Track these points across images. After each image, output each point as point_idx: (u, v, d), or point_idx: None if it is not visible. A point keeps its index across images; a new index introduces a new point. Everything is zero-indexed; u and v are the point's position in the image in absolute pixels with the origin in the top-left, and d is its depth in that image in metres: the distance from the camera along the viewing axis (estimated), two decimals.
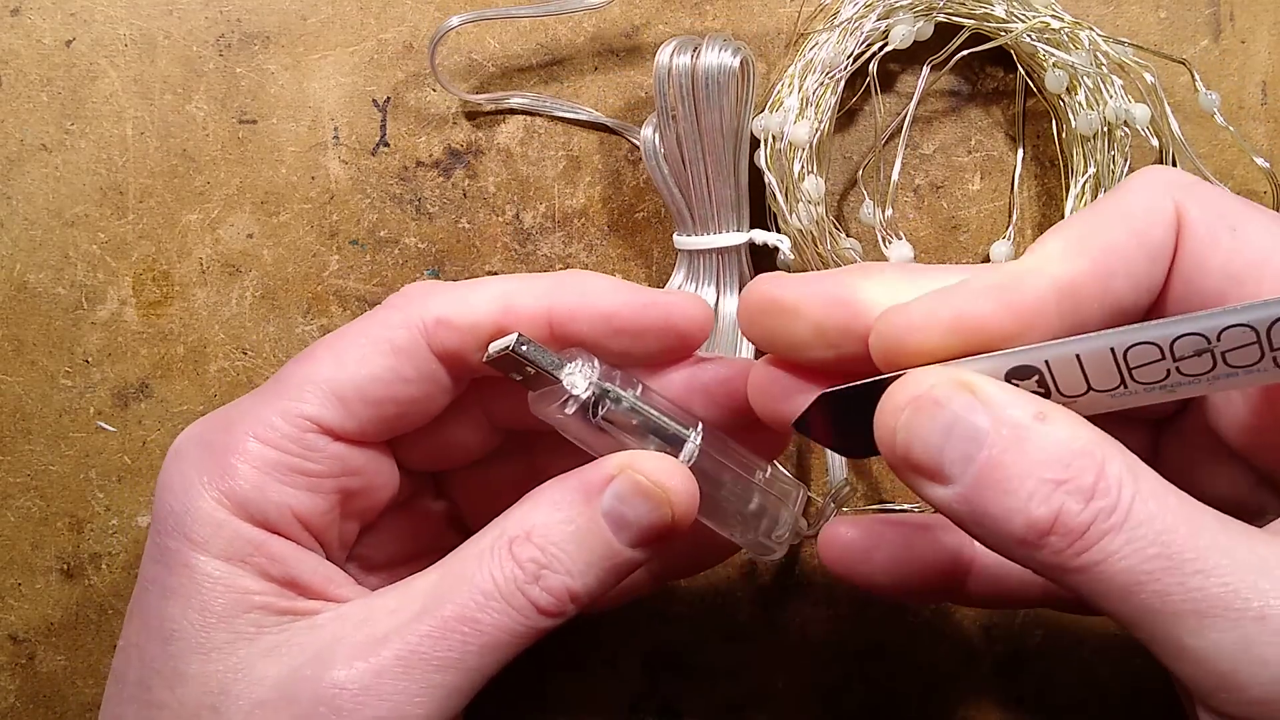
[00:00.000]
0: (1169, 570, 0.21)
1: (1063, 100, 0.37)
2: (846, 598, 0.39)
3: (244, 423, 0.27)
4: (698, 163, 0.35)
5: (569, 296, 0.28)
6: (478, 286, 0.28)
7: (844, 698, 0.39)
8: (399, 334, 0.27)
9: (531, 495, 0.27)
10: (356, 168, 0.39)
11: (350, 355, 0.27)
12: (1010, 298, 0.24)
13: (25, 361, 0.39)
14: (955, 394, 0.24)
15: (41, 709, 0.39)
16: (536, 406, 0.28)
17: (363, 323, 0.28)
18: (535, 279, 0.28)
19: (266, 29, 0.39)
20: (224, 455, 0.26)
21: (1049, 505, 0.22)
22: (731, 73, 0.34)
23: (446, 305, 0.28)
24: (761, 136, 0.36)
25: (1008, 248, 0.38)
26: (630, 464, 0.27)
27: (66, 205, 0.39)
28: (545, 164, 0.39)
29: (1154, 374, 0.24)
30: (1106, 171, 0.36)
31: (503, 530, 0.26)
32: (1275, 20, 0.38)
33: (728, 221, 0.36)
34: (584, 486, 0.27)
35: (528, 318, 0.28)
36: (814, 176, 0.36)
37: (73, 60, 0.39)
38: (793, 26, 0.39)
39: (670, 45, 0.35)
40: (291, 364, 0.28)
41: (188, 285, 0.39)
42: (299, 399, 0.27)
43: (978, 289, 0.24)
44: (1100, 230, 0.25)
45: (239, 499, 0.26)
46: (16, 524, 0.39)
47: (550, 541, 0.26)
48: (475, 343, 0.27)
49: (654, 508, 0.26)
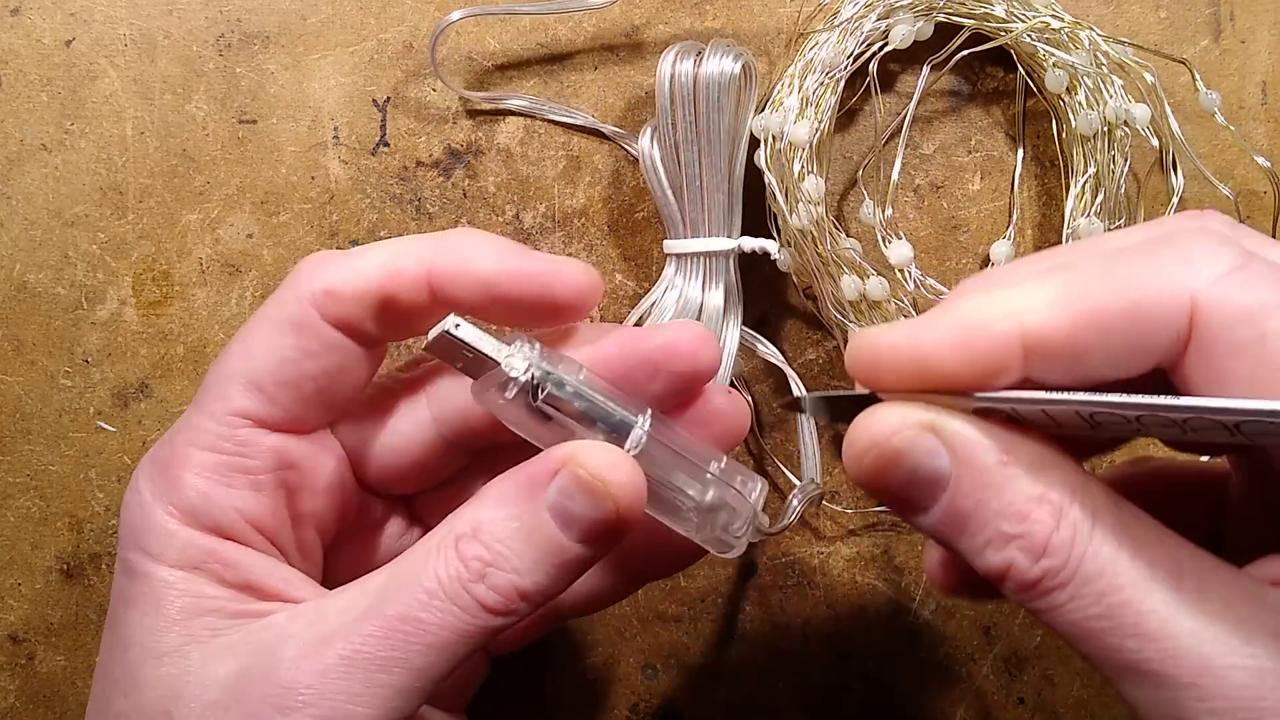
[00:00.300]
0: (1110, 630, 0.22)
1: (1063, 100, 0.37)
2: (846, 598, 0.39)
3: (183, 433, 0.27)
4: (693, 166, 0.35)
5: (449, 259, 0.28)
6: (364, 253, 0.28)
7: (844, 698, 0.39)
8: (293, 310, 0.28)
9: (480, 492, 0.27)
10: (356, 168, 0.39)
11: (256, 342, 0.28)
12: (975, 346, 0.23)
13: (25, 361, 0.39)
14: (917, 439, 0.23)
15: (41, 709, 0.39)
16: (478, 394, 0.27)
17: (263, 308, 0.28)
18: (420, 240, 0.28)
19: (266, 29, 0.39)
20: (169, 468, 0.27)
21: (1002, 556, 0.23)
22: (733, 79, 0.34)
23: (332, 275, 0.28)
24: (761, 136, 0.36)
25: (1008, 248, 0.38)
26: (573, 456, 0.26)
27: (66, 205, 0.39)
28: (545, 164, 0.39)
29: (1120, 429, 0.23)
30: (1106, 171, 0.36)
31: (450, 528, 0.26)
32: (1275, 20, 0.38)
33: (719, 226, 0.36)
34: (528, 481, 0.26)
35: (410, 281, 0.28)
36: (814, 176, 0.36)
37: (73, 60, 0.39)
38: (793, 26, 0.39)
39: (672, 52, 0.35)
40: (210, 367, 0.28)
41: (188, 285, 0.39)
42: (222, 396, 0.27)
43: (944, 331, 0.23)
44: (1102, 297, 0.23)
45: (187, 508, 0.27)
46: (16, 524, 0.39)
47: (496, 539, 0.26)
48: (365, 310, 0.28)
49: (597, 503, 0.26)
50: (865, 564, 0.39)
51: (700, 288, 0.37)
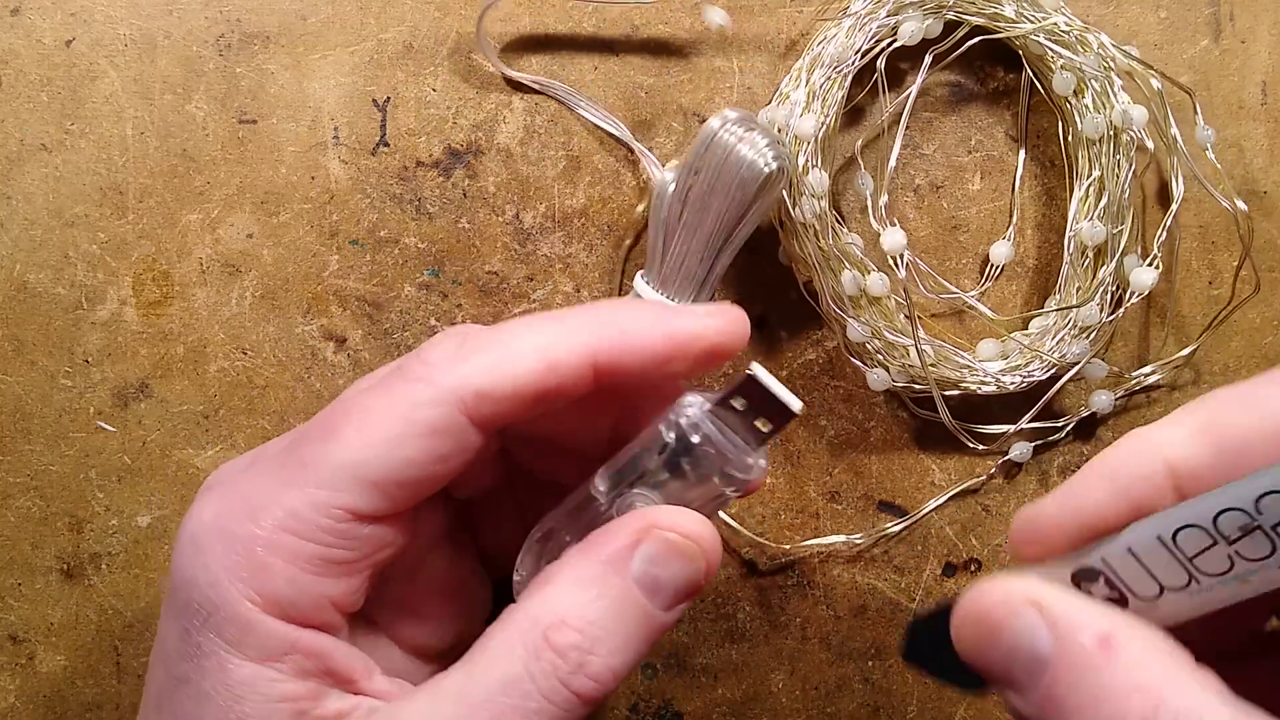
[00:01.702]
0: None
1: (1070, 103, 0.37)
2: (846, 598, 0.39)
3: (270, 512, 0.25)
4: (690, 228, 0.35)
5: (611, 344, 0.26)
6: (512, 345, 0.25)
7: (844, 698, 0.39)
8: (435, 413, 0.25)
9: (550, 576, 0.25)
10: (356, 168, 0.39)
11: (381, 436, 0.25)
12: (1124, 486, 0.23)
13: (25, 361, 0.39)
14: (1017, 613, 0.23)
15: (41, 709, 0.39)
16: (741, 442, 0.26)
17: (391, 396, 0.25)
18: (570, 325, 0.26)
19: (266, 29, 0.39)
20: (252, 550, 0.24)
21: None
22: (758, 176, 0.34)
23: (485, 377, 0.25)
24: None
25: (1007, 248, 0.38)
26: (656, 523, 0.25)
27: (66, 205, 0.39)
28: (545, 164, 0.39)
29: (1216, 563, 0.23)
30: (1110, 175, 0.36)
31: (532, 619, 0.24)
32: (1275, 20, 0.38)
33: (685, 294, 0.36)
34: (610, 557, 0.25)
35: (572, 376, 0.26)
36: (818, 170, 0.36)
37: (73, 60, 0.39)
38: (792, 26, 0.39)
39: (724, 118, 0.34)
40: (315, 439, 0.25)
41: (188, 285, 0.39)
42: (331, 487, 0.25)
43: (1092, 483, 0.24)
44: (1236, 414, 0.23)
45: (272, 596, 0.24)
46: (16, 524, 0.39)
47: (588, 621, 0.24)
48: (518, 409, 0.25)
49: (691, 565, 0.25)
50: (865, 564, 0.39)
51: None
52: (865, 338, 0.36)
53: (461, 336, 0.26)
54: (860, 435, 0.39)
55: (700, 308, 0.27)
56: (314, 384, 0.39)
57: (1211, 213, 0.39)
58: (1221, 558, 0.22)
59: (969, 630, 0.24)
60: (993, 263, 0.38)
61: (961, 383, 0.36)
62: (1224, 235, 0.39)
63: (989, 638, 0.23)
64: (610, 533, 0.25)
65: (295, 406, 0.39)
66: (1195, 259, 0.39)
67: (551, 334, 0.26)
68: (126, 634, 0.39)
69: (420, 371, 0.25)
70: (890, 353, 0.37)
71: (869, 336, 0.36)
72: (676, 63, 0.39)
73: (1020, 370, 0.37)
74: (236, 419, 0.39)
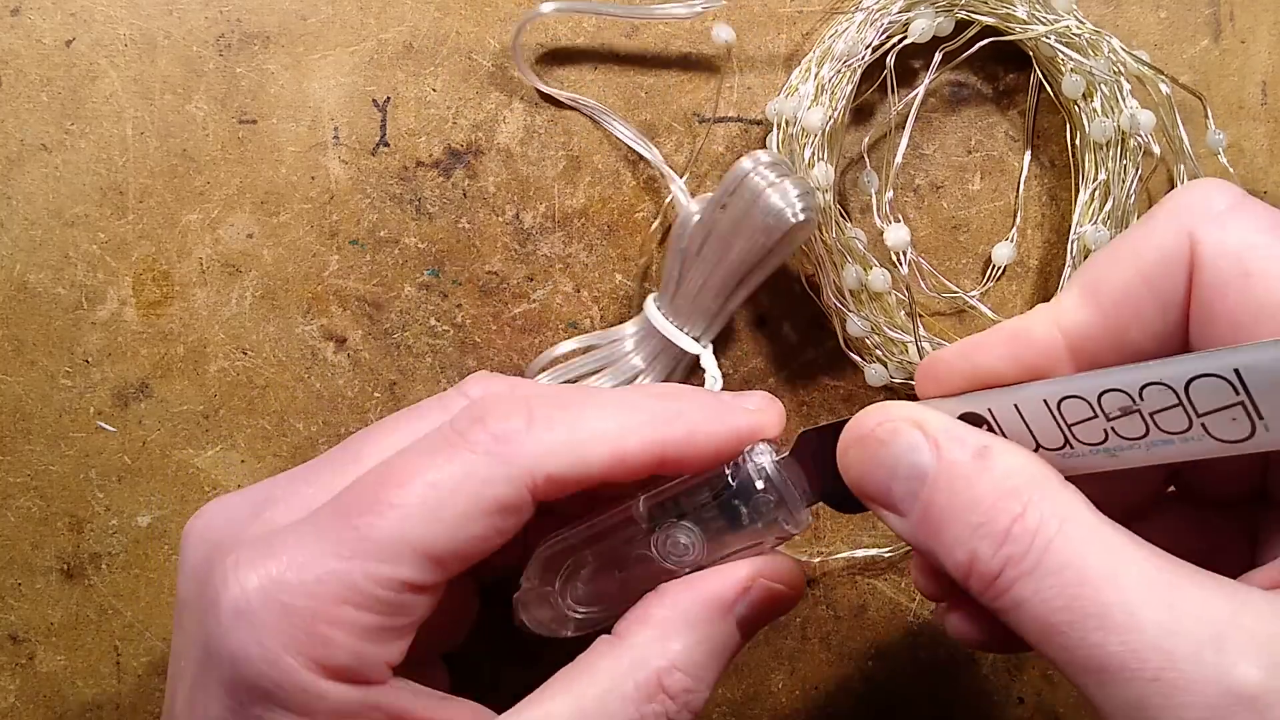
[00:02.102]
0: (1073, 624, 0.21)
1: (1078, 106, 0.37)
2: (846, 598, 0.39)
3: (330, 585, 0.24)
4: (709, 263, 0.35)
5: (678, 441, 0.27)
6: (581, 427, 0.26)
7: (844, 698, 0.39)
8: (505, 491, 0.25)
9: (655, 616, 0.27)
10: (356, 168, 0.39)
11: (449, 512, 0.25)
12: (1021, 351, 0.25)
13: (25, 361, 0.39)
14: (900, 431, 0.24)
15: (41, 709, 0.39)
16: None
17: (458, 468, 0.25)
18: (640, 416, 0.27)
19: (266, 29, 0.39)
20: (313, 624, 0.24)
21: (966, 548, 0.23)
22: (786, 226, 0.33)
23: (557, 462, 0.25)
24: (775, 120, 0.36)
25: (1010, 249, 0.38)
26: (761, 573, 0.27)
27: (66, 205, 0.39)
28: (545, 164, 0.39)
29: (1092, 434, 0.24)
30: (1116, 180, 0.36)
31: (643, 663, 0.26)
32: (1275, 20, 0.38)
33: (695, 326, 0.36)
34: (718, 603, 0.27)
35: (637, 468, 0.27)
36: (824, 164, 0.36)
37: (73, 60, 0.39)
38: (793, 26, 0.39)
39: (755, 159, 0.33)
40: (373, 507, 0.25)
41: (188, 285, 0.39)
42: (394, 561, 0.24)
43: (993, 342, 0.25)
44: (1112, 276, 0.24)
45: (335, 667, 0.24)
46: (16, 524, 0.39)
47: (694, 664, 0.26)
48: (580, 489, 0.26)
49: (788, 608, 0.28)
50: (865, 564, 0.39)
51: (641, 363, 0.36)
52: (865, 333, 0.36)
53: (527, 408, 0.26)
54: None
55: (750, 400, 0.29)
56: (314, 384, 0.39)
57: None
58: (1098, 430, 0.24)
59: (854, 449, 0.25)
60: (994, 265, 0.38)
61: None
62: None
63: (873, 456, 0.25)
64: (718, 577, 0.27)
65: (295, 406, 0.39)
66: None
67: (621, 422, 0.26)
68: (126, 634, 0.39)
69: (489, 444, 0.25)
70: (889, 349, 0.37)
71: (869, 332, 0.36)
72: (677, 63, 0.39)
73: None
74: (236, 419, 0.39)
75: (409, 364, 0.39)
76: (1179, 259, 0.23)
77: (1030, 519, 0.22)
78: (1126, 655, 0.20)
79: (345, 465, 0.28)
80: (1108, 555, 0.22)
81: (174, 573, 0.39)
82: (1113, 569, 0.21)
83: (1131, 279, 0.24)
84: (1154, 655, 0.20)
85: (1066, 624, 0.21)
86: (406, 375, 0.39)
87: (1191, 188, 0.24)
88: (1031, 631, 0.22)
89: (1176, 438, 0.23)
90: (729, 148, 0.39)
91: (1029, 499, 0.23)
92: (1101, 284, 0.24)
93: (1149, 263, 0.23)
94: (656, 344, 0.36)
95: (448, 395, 0.30)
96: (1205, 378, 0.22)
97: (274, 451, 0.39)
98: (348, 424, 0.39)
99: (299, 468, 0.29)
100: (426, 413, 0.29)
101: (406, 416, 0.29)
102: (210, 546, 0.27)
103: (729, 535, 0.28)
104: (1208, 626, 0.20)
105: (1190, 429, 0.22)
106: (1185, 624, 0.20)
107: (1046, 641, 0.22)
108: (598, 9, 0.38)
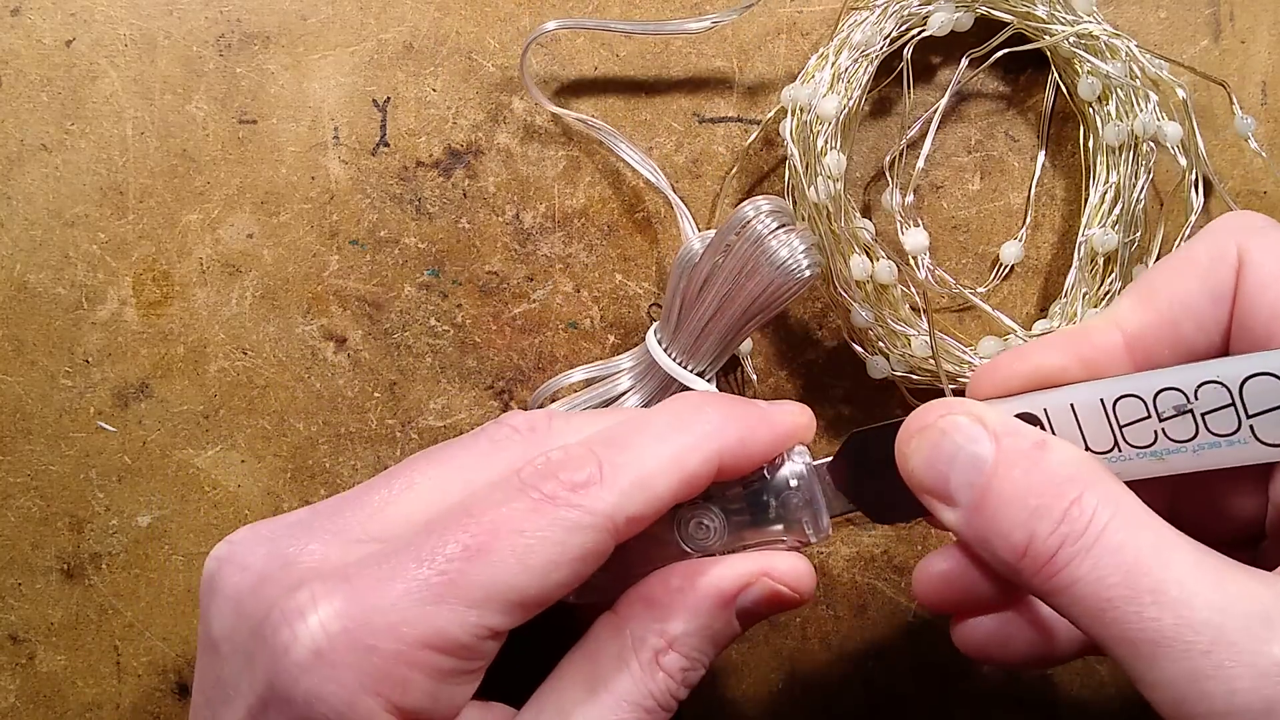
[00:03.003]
0: (1129, 599, 0.23)
1: (1092, 108, 0.37)
2: (846, 598, 0.39)
3: (416, 629, 0.24)
4: (710, 307, 0.34)
5: (733, 450, 0.28)
6: (648, 461, 0.27)
7: (844, 698, 0.39)
8: (591, 539, 0.26)
9: (657, 595, 0.28)
10: (356, 168, 0.39)
11: (538, 561, 0.25)
12: (1080, 349, 0.27)
13: (25, 361, 0.39)
14: (961, 425, 0.26)
15: (41, 709, 0.39)
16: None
17: (544, 519, 0.26)
18: (697, 435, 0.28)
19: (266, 29, 0.39)
20: (395, 666, 0.24)
21: (1024, 530, 0.24)
22: (790, 282, 0.33)
23: (635, 503, 0.26)
24: (789, 107, 0.36)
25: (1018, 248, 0.38)
26: (768, 571, 0.28)
27: (66, 205, 0.39)
28: (545, 164, 0.39)
29: (1142, 436, 0.26)
30: (1127, 184, 0.36)
31: (641, 639, 0.27)
32: (1275, 20, 0.38)
33: (699, 362, 0.35)
34: (720, 595, 0.28)
35: (701, 482, 0.28)
36: (836, 152, 0.35)
37: (73, 60, 0.39)
38: (793, 26, 0.39)
39: (757, 207, 0.33)
40: (464, 555, 0.25)
41: (188, 285, 0.39)
42: (482, 608, 0.25)
43: (1052, 341, 0.27)
44: (1167, 280, 0.27)
45: (411, 709, 0.25)
46: (17, 524, 0.39)
47: (692, 648, 0.28)
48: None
49: (791, 606, 0.29)
50: (865, 564, 0.39)
51: (645, 402, 0.36)
52: (869, 324, 0.36)
53: (595, 458, 0.27)
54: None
55: (789, 406, 0.30)
56: (314, 384, 0.39)
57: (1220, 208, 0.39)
58: (1148, 432, 0.26)
59: (915, 439, 0.27)
60: (1002, 263, 0.38)
61: (960, 376, 0.36)
62: None
63: (933, 445, 0.26)
64: (725, 570, 0.28)
65: (295, 406, 0.39)
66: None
67: (679, 444, 0.27)
68: (126, 634, 0.39)
69: (569, 497, 0.26)
70: (892, 341, 0.37)
71: (872, 323, 0.36)
72: (676, 63, 0.39)
73: None
74: (237, 419, 0.39)
75: (409, 364, 0.39)
76: (1229, 261, 0.26)
77: (1087, 503, 0.24)
78: (1182, 628, 0.22)
79: (399, 494, 0.28)
80: (1159, 540, 0.23)
81: (174, 573, 0.39)
82: (1165, 552, 0.23)
83: (1187, 279, 0.26)
84: (1207, 630, 0.22)
85: (1122, 599, 0.23)
86: (406, 375, 0.39)
87: (1234, 214, 0.27)
88: (1085, 610, 0.23)
89: (1224, 440, 0.24)
90: (729, 148, 0.39)
91: (1085, 485, 0.24)
92: (1158, 287, 0.26)
93: (1202, 264, 0.26)
94: (659, 379, 0.36)
95: (491, 430, 0.30)
96: (1259, 376, 0.24)
97: (274, 451, 0.39)
98: (347, 424, 0.39)
99: (341, 497, 0.29)
100: (473, 445, 0.29)
101: (457, 450, 0.29)
102: (257, 578, 0.26)
103: (749, 530, 0.29)
104: (1256, 605, 0.22)
105: (1239, 430, 0.24)
106: (1235, 603, 0.22)
107: (1099, 619, 0.23)
108: (607, 25, 0.37)
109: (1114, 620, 0.23)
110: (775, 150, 0.39)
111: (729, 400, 0.29)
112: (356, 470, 0.39)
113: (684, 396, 0.30)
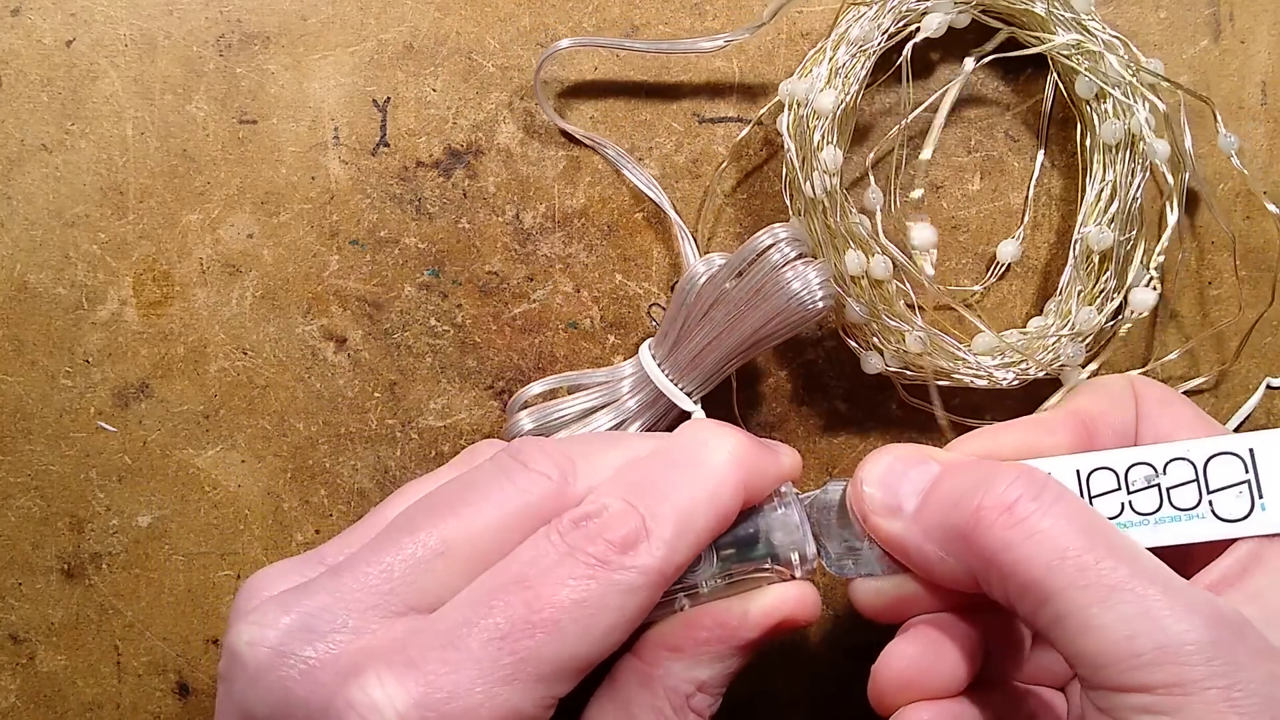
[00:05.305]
0: (1088, 549, 0.25)
1: (1090, 106, 0.37)
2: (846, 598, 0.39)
3: (489, 710, 0.25)
4: (715, 328, 0.34)
5: (751, 488, 0.29)
6: (682, 505, 0.28)
7: (843, 698, 0.39)
8: (645, 598, 0.27)
9: (686, 646, 0.29)
10: (356, 168, 0.39)
11: (599, 629, 0.26)
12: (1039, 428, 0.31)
13: (25, 361, 0.39)
14: (912, 451, 0.30)
15: (41, 709, 0.39)
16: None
17: (602, 586, 0.26)
18: (717, 470, 0.29)
19: (266, 29, 0.39)
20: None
21: (978, 491, 0.27)
22: (802, 316, 0.33)
23: (681, 552, 0.27)
24: (786, 101, 0.36)
25: (1015, 246, 0.38)
26: (792, 620, 0.30)
27: (66, 205, 0.39)
28: (545, 164, 0.39)
29: (1110, 508, 0.28)
30: (1124, 181, 0.36)
31: (672, 689, 0.29)
32: (1275, 20, 0.38)
33: (692, 383, 0.35)
34: (738, 640, 0.29)
35: (732, 515, 0.29)
36: (833, 147, 0.35)
37: (73, 60, 0.39)
38: (793, 26, 0.39)
39: (774, 235, 0.33)
40: (530, 633, 0.25)
41: (188, 285, 0.39)
42: (551, 680, 0.26)
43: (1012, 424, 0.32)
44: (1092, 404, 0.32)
45: None
46: (17, 524, 0.39)
47: (717, 685, 0.30)
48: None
49: (795, 630, 0.31)
50: None
51: (633, 408, 0.36)
52: (864, 319, 0.36)
53: (638, 514, 0.27)
54: (860, 435, 0.39)
55: (784, 448, 0.32)
56: (314, 384, 0.39)
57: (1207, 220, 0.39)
58: (1115, 504, 0.28)
59: (867, 466, 0.30)
60: (999, 261, 0.38)
61: (954, 373, 0.36)
62: (1224, 236, 0.39)
63: (886, 467, 0.30)
64: (753, 614, 0.30)
65: (295, 406, 0.39)
66: (1194, 259, 0.39)
67: (713, 483, 0.28)
68: (126, 634, 0.39)
69: (620, 561, 0.26)
70: (886, 337, 0.37)
71: (867, 318, 0.36)
72: (677, 63, 0.39)
73: (1014, 367, 0.37)
74: (237, 419, 0.39)
75: (409, 364, 0.39)
76: (1129, 393, 0.32)
77: (1039, 472, 0.27)
78: (1136, 577, 0.24)
79: (432, 561, 0.27)
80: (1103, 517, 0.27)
81: (174, 572, 0.39)
82: (1108, 524, 0.26)
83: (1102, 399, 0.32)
84: (1159, 577, 0.25)
85: (1082, 548, 0.25)
86: (406, 375, 0.39)
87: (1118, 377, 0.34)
88: (1037, 563, 0.25)
89: (1184, 514, 0.27)
90: (729, 148, 0.39)
91: (1035, 469, 0.27)
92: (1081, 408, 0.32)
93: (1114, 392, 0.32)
94: (649, 394, 0.36)
95: (512, 471, 0.29)
96: (1223, 455, 0.27)
97: (274, 451, 0.39)
98: (348, 424, 0.39)
99: (356, 555, 0.28)
100: (496, 491, 0.28)
101: (478, 499, 0.28)
102: (304, 666, 0.26)
103: (736, 564, 0.30)
104: (1183, 586, 0.25)
105: (1198, 505, 0.27)
106: (1168, 579, 0.25)
107: (1052, 568, 0.25)
108: (621, 44, 0.37)
109: (1074, 566, 0.24)
110: (771, 146, 0.39)
111: (740, 433, 0.30)
112: (356, 470, 0.39)
113: (698, 427, 0.30)
